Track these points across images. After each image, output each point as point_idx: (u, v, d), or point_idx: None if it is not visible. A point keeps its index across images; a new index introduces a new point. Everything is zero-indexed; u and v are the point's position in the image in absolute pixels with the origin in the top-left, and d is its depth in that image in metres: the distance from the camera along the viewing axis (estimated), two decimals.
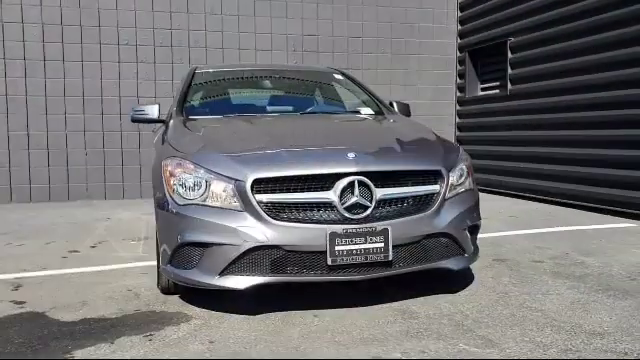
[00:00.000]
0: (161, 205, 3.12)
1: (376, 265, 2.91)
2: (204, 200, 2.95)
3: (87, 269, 4.16)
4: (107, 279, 3.86)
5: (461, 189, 3.26)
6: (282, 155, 2.97)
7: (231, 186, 2.89)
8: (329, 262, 2.81)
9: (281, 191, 2.87)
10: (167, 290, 3.37)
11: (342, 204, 2.85)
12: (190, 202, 2.97)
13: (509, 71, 7.85)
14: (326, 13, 8.50)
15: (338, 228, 2.82)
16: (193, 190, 2.98)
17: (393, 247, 2.90)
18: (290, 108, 4.44)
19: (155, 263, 4.16)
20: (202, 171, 2.98)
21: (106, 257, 4.53)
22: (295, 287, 3.32)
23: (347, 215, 2.86)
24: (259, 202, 2.84)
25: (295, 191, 2.87)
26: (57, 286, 3.72)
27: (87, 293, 3.53)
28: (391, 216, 2.94)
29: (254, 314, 3.04)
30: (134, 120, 4.28)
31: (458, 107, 9.24)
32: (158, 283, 3.41)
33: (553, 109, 7.02)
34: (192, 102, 4.25)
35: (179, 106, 4.08)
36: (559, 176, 6.84)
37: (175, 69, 7.96)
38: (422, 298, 3.25)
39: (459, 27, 9.13)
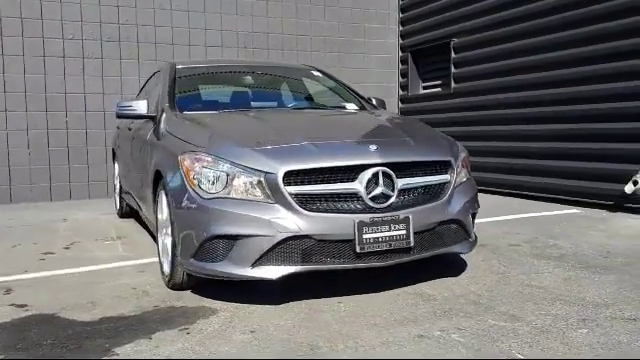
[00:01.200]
0: (181, 200, 3.09)
1: (398, 251, 3.06)
2: (230, 193, 2.97)
3: (74, 270, 4.01)
4: (102, 279, 3.76)
5: (463, 179, 3.49)
6: (308, 148, 3.05)
7: (260, 178, 2.94)
8: (357, 250, 2.93)
9: (309, 182, 2.95)
10: (179, 286, 3.35)
11: (368, 194, 2.98)
12: (216, 195, 2.98)
13: (452, 70, 8.28)
14: (276, 11, 8.56)
15: (365, 217, 2.95)
16: (218, 183, 2.99)
17: (413, 234, 3.07)
18: (282, 103, 4.51)
19: (145, 261, 4.16)
20: (227, 165, 3.00)
21: (87, 258, 4.38)
22: (307, 277, 3.39)
23: (372, 204, 2.99)
24: (290, 194, 2.91)
25: (323, 182, 2.96)
26: (53, 287, 3.59)
27: (90, 293, 3.43)
28: (410, 205, 3.11)
29: (278, 304, 3.10)
30: (120, 116, 4.17)
31: (401, 105, 9.60)
32: (170, 280, 3.37)
33: (494, 106, 7.50)
34: (181, 97, 4.20)
35: (171, 101, 4.03)
36: (503, 168, 7.32)
37: (123, 65, 7.72)
38: (430, 282, 3.45)
39: (400, 28, 9.49)
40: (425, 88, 9.29)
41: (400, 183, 3.06)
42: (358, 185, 2.98)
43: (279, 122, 3.70)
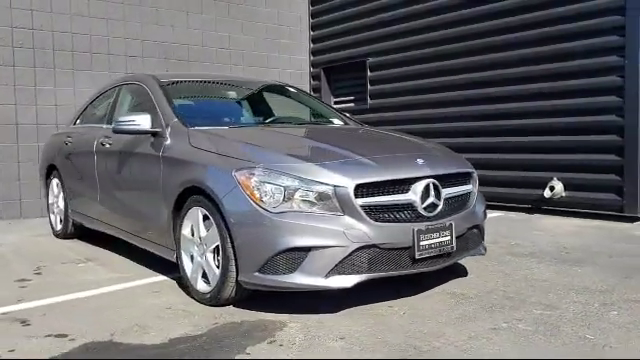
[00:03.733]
0: (242, 215, 3.10)
1: (442, 256, 3.36)
2: (298, 206, 3.06)
3: (77, 295, 3.75)
4: (120, 302, 3.57)
5: None
6: (367, 162, 3.25)
7: (329, 192, 3.07)
8: (416, 256, 3.19)
9: (373, 195, 3.15)
10: (224, 301, 3.33)
11: (422, 204, 3.26)
12: (284, 209, 3.05)
13: (369, 87, 8.83)
14: (196, 23, 8.45)
15: (422, 225, 3.21)
16: (284, 197, 3.07)
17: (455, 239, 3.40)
18: (278, 117, 4.62)
19: (147, 281, 4.03)
20: (293, 179, 3.08)
21: (75, 282, 4.08)
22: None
23: (424, 213, 3.27)
24: (360, 205, 3.08)
25: (384, 194, 3.18)
26: (73, 314, 3.35)
27: (125, 317, 3.27)
28: (451, 212, 3.43)
29: (334, 312, 3.24)
30: (120, 131, 3.99)
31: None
32: (214, 296, 3.31)
33: (410, 121, 8.16)
34: (182, 113, 4.11)
35: (178, 116, 3.95)
36: None
37: (38, 73, 7.12)
38: (450, 283, 3.79)
39: (311, 45, 9.87)
40: (337, 103, 9.74)
41: (444, 193, 3.39)
42: (412, 196, 3.25)
43: (308, 137, 3.83)
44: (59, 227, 5.73)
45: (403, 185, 3.24)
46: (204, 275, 3.47)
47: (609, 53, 5.98)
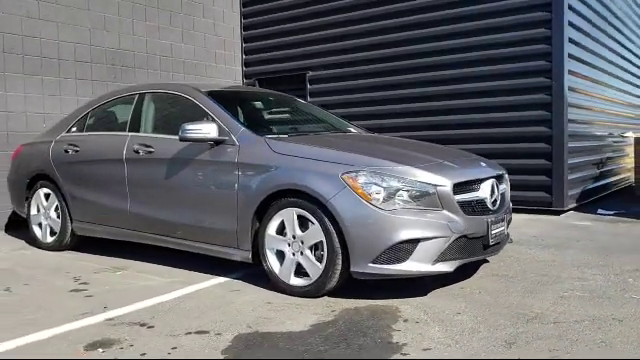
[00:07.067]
0: (355, 214, 3.49)
1: (497, 244, 4.05)
2: (406, 203, 3.55)
3: (158, 299, 3.82)
4: (214, 302, 3.74)
5: None
6: (451, 165, 3.83)
7: (430, 190, 3.60)
8: (491, 243, 3.83)
9: (462, 192, 3.73)
10: (324, 292, 3.69)
11: (490, 199, 3.92)
12: (395, 207, 3.51)
13: (309, 99, 9.35)
14: (140, 30, 8.33)
15: (492, 217, 3.87)
16: (393, 196, 3.53)
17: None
18: (316, 127, 4.99)
19: (215, 282, 4.27)
20: (396, 180, 3.56)
21: (137, 288, 4.12)
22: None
23: (491, 207, 3.94)
24: (457, 201, 3.65)
25: (467, 192, 3.78)
26: (186, 314, 3.49)
27: (240, 313, 3.49)
28: (502, 206, 4.13)
29: (425, 294, 3.77)
30: (186, 139, 4.13)
31: None
32: (315, 288, 3.65)
33: None
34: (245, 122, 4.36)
35: (246, 125, 4.20)
36: None
37: None
38: (483, 268, 4.46)
39: (244, 56, 10.14)
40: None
41: (500, 190, 4.08)
42: (482, 193, 3.89)
43: (374, 144, 4.32)
44: (50, 239, 5.48)
45: (476, 184, 3.88)
46: (297, 270, 3.79)
47: (539, 75, 7.18)
